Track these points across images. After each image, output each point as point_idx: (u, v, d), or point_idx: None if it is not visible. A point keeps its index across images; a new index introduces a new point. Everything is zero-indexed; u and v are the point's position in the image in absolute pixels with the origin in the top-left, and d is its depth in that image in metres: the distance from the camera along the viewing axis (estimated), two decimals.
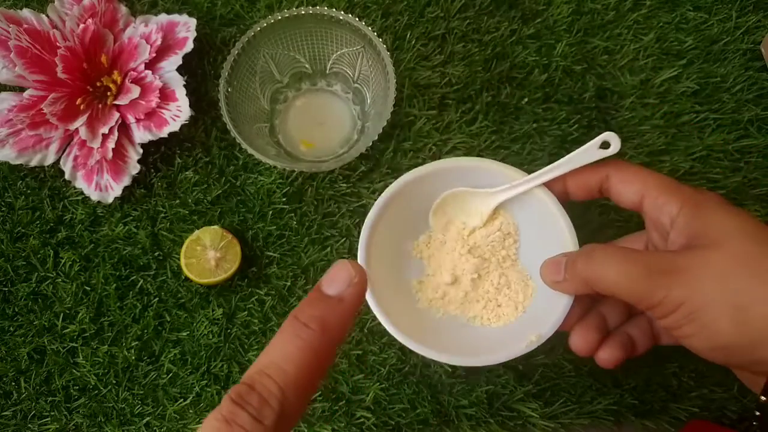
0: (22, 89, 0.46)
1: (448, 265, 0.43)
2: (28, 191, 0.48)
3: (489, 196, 0.42)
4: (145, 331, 0.46)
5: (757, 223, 0.33)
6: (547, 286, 0.39)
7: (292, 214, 0.47)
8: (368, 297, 0.39)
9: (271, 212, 0.47)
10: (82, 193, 0.46)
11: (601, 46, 0.50)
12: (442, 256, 0.43)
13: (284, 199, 0.47)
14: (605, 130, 0.49)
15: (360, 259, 0.40)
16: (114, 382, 0.45)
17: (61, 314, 0.46)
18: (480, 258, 0.43)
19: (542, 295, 0.41)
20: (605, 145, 0.39)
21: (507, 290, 0.42)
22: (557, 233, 0.40)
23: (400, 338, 0.38)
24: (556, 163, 0.39)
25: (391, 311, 0.39)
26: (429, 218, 0.43)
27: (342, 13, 0.43)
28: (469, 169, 0.42)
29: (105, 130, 0.44)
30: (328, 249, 0.46)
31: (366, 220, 0.41)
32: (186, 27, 0.46)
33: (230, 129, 0.42)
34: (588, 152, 0.39)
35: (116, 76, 0.46)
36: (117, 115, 0.45)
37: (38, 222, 0.47)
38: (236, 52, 0.43)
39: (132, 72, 0.45)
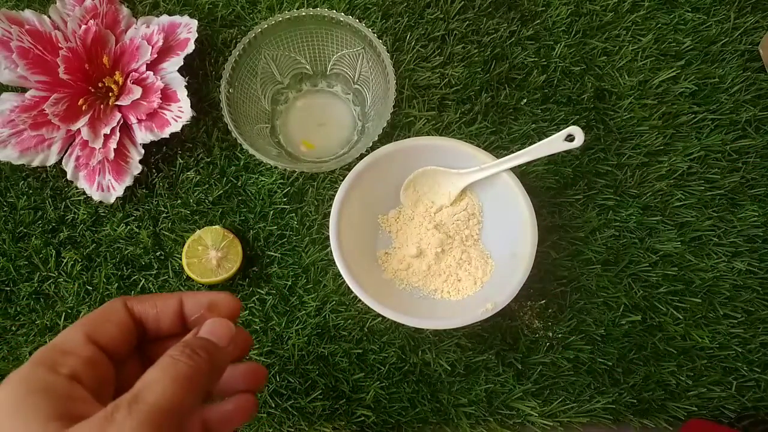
0: (24, 90, 0.46)
1: (414, 239, 0.45)
2: (30, 191, 0.48)
3: (458, 177, 0.45)
4: None
5: None
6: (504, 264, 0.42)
7: (293, 214, 0.47)
8: (338, 263, 0.41)
9: (272, 212, 0.47)
10: (84, 193, 0.47)
11: (600, 47, 0.50)
12: (410, 230, 0.46)
13: (285, 199, 0.47)
14: (604, 131, 0.49)
15: (331, 228, 0.42)
16: None
17: (63, 313, 0.46)
18: (445, 234, 0.45)
19: (500, 272, 0.44)
20: (570, 138, 0.42)
21: (468, 266, 0.44)
22: (519, 217, 0.42)
23: (367, 301, 0.40)
24: (523, 150, 0.43)
25: (360, 278, 0.41)
26: (400, 194, 0.46)
27: (342, 14, 0.43)
28: (442, 149, 0.44)
29: (107, 130, 0.45)
30: (329, 249, 0.47)
31: (339, 190, 0.42)
32: (187, 28, 0.46)
33: (231, 130, 0.42)
34: (554, 143, 0.42)
35: (118, 76, 0.46)
36: (119, 115, 0.45)
37: (40, 222, 0.47)
38: (237, 53, 0.43)
39: (133, 73, 0.45)
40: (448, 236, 0.45)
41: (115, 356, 0.28)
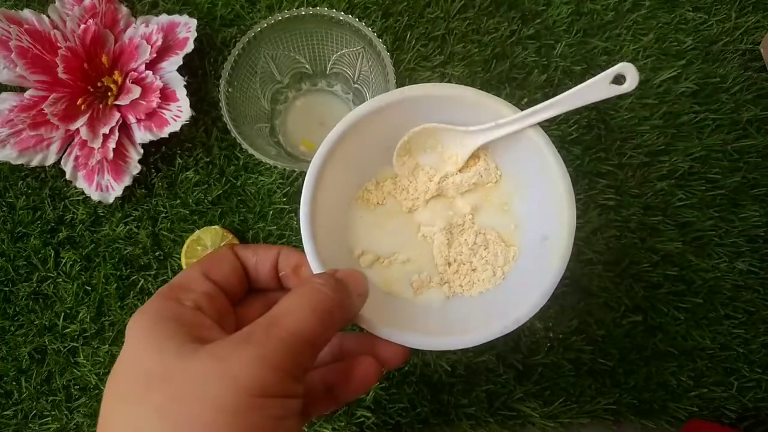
0: (23, 89, 0.46)
1: None
2: (29, 191, 0.48)
3: (468, 136, 0.35)
4: None
5: None
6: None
7: (293, 214, 0.47)
8: (312, 261, 0.32)
9: (271, 212, 0.47)
10: (83, 193, 0.46)
11: (601, 46, 0.50)
12: None
13: (285, 199, 0.47)
14: (605, 131, 0.49)
15: (303, 213, 0.33)
16: None
17: (62, 314, 0.46)
18: (453, 211, 0.37)
19: (526, 261, 0.35)
20: (619, 80, 0.32)
21: (484, 252, 0.36)
22: (550, 188, 0.33)
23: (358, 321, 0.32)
24: (556, 98, 0.32)
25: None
26: (393, 160, 0.37)
27: (342, 13, 0.43)
28: (446, 100, 0.34)
29: (106, 130, 0.44)
30: None
31: (313, 160, 0.33)
32: (186, 27, 0.46)
33: (231, 129, 0.42)
34: (596, 88, 0.32)
35: (117, 76, 0.46)
36: (118, 115, 0.45)
37: (39, 222, 0.47)
38: (237, 52, 0.43)
39: (133, 72, 0.45)
40: (458, 214, 0.37)
41: (230, 294, 0.30)
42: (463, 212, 0.36)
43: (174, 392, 0.22)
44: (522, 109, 0.33)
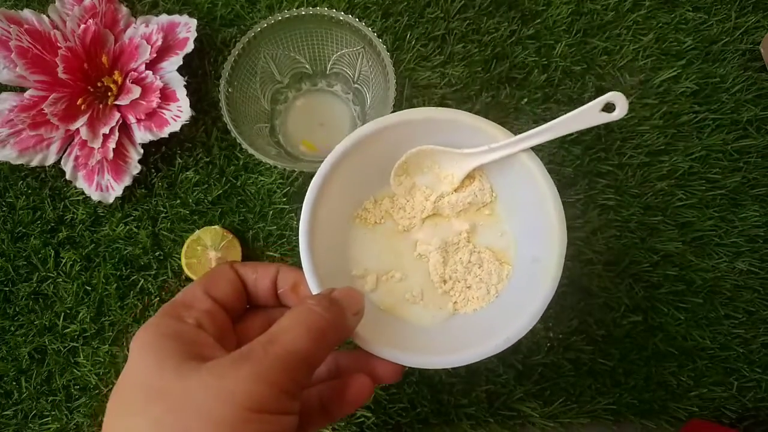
0: (23, 89, 0.46)
1: None
2: (29, 191, 0.48)
3: (462, 158, 0.36)
4: None
5: None
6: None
7: (293, 214, 0.47)
8: (311, 281, 0.32)
9: (271, 212, 0.47)
10: (83, 193, 0.46)
11: (601, 46, 0.50)
12: None
13: (285, 199, 0.47)
14: (605, 131, 0.49)
15: (302, 230, 0.33)
16: (115, 381, 0.45)
17: (62, 314, 0.46)
18: None
19: (518, 280, 0.35)
20: (609, 108, 0.33)
21: (478, 270, 0.36)
22: (542, 212, 0.34)
23: (356, 339, 0.32)
24: (547, 124, 0.34)
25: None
26: (391, 181, 0.38)
27: (342, 13, 0.43)
28: (444, 123, 0.35)
29: (106, 130, 0.44)
30: None
31: (314, 179, 0.34)
32: (186, 27, 0.46)
33: (231, 129, 0.42)
34: (587, 115, 0.33)
35: (117, 76, 0.46)
36: (118, 115, 0.45)
37: (39, 222, 0.47)
38: (237, 52, 0.43)
39: (133, 72, 0.45)
40: (453, 232, 0.38)
41: (230, 311, 0.30)
42: (459, 231, 0.37)
43: (172, 405, 0.23)
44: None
